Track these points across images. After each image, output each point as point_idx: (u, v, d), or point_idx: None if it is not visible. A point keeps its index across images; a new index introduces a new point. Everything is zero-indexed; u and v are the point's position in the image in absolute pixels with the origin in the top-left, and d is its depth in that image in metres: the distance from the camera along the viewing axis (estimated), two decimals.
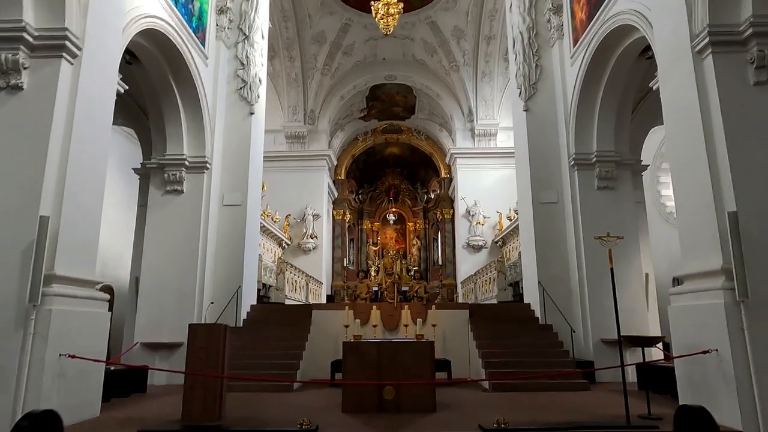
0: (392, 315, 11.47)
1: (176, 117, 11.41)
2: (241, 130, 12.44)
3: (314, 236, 21.24)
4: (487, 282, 15.63)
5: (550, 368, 10.00)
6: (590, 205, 11.52)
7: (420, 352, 7.58)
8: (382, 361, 7.48)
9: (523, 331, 11.29)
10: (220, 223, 11.95)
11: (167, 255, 11.23)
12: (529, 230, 12.30)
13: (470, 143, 22.15)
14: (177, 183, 11.49)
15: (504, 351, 10.52)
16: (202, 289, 11.27)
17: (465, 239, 21.34)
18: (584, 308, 11.23)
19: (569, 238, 11.75)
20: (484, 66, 21.30)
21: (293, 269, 15.78)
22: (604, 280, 11.03)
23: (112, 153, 16.68)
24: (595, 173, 11.57)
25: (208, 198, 11.65)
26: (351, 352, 7.57)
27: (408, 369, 7.43)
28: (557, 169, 12.18)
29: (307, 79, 21.64)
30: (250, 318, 11.91)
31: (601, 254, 11.18)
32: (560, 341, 10.91)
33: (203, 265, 11.37)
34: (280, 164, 21.63)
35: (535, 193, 12.11)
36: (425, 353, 7.57)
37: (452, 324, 11.60)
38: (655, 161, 16.83)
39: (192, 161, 11.57)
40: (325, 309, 11.93)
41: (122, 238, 14.65)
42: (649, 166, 14.87)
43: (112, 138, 17.36)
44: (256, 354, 10.50)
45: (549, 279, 11.63)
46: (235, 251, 11.85)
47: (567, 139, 11.93)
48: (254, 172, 12.65)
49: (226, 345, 7.18)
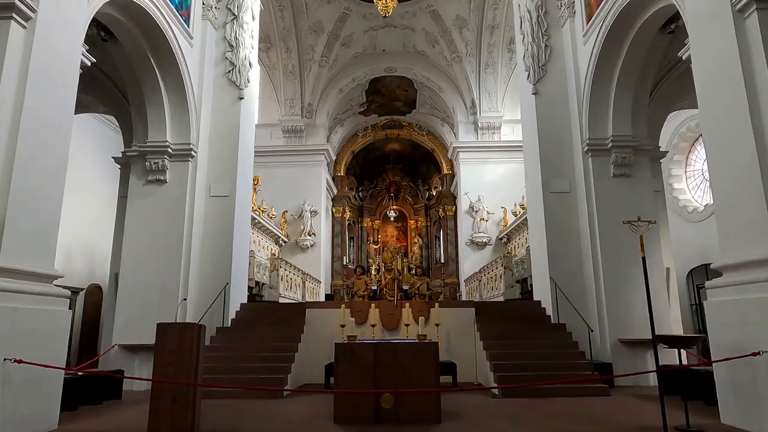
0: (392, 314, 10.49)
1: (158, 101, 10.45)
2: (229, 115, 11.46)
3: (312, 233, 20.25)
4: (493, 279, 14.63)
5: (566, 371, 9.00)
6: (606, 194, 10.52)
7: (422, 355, 6.59)
8: (379, 364, 6.50)
9: (534, 331, 10.29)
10: (206, 216, 10.97)
11: (148, 250, 10.28)
12: (539, 222, 11.30)
13: (473, 137, 21.15)
14: (159, 172, 10.53)
15: (514, 353, 9.52)
16: (186, 286, 10.30)
17: (468, 236, 20.34)
18: (600, 305, 10.23)
19: (583, 230, 10.75)
20: (488, 57, 20.31)
21: (288, 266, 14.79)
22: (621, 275, 10.11)
23: (96, 144, 15.81)
24: (611, 160, 10.58)
25: (193, 188, 10.68)
26: (344, 355, 6.58)
27: (409, 374, 6.44)
28: (569, 156, 11.18)
29: (305, 71, 20.67)
30: (239, 317, 10.93)
31: (617, 246, 10.23)
32: (575, 341, 9.91)
33: (188, 260, 10.40)
34: (277, 159, 20.66)
35: (545, 182, 11.11)
36: (428, 355, 6.58)
37: (457, 323, 10.61)
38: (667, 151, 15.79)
39: (176, 148, 10.61)
40: (320, 307, 10.95)
41: (111, 235, 13.67)
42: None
43: (97, 128, 16.61)
44: (244, 356, 9.52)
45: (561, 274, 10.63)
46: (223, 246, 10.87)
47: (580, 124, 10.93)
48: (244, 160, 11.67)
49: (200, 347, 6.20)
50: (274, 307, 11.87)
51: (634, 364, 9.82)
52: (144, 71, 10.15)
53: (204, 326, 6.35)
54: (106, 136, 16.11)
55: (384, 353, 6.58)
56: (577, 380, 8.38)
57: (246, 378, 8.89)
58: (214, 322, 10.47)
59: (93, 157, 14.70)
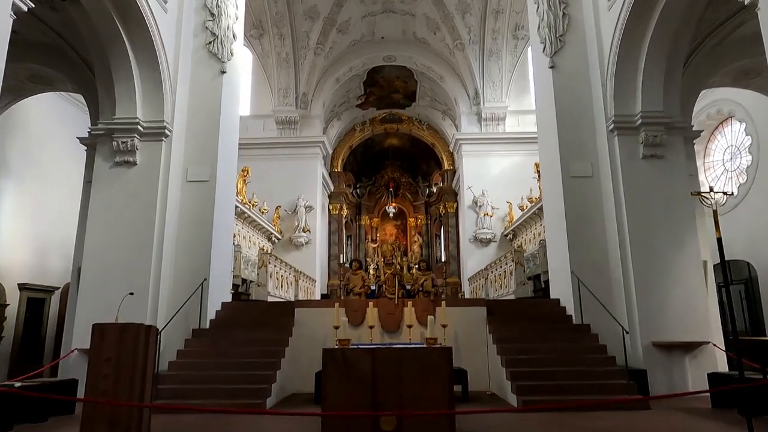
0: (392, 313, 9.05)
1: (127, 73, 9.03)
2: (210, 91, 10.02)
3: (307, 230, 18.79)
4: (502, 276, 13.19)
5: (595, 380, 7.57)
6: (634, 178, 9.12)
7: (432, 364, 5.16)
8: (379, 376, 5.06)
9: (555, 333, 8.86)
10: (182, 203, 9.53)
11: (115, 241, 8.85)
12: (557, 211, 9.87)
13: (476, 128, 19.71)
14: (128, 153, 9.10)
15: (534, 358, 8.09)
16: (158, 282, 8.86)
17: (472, 232, 18.88)
18: (630, 303, 8.80)
19: (608, 218, 9.32)
20: (492, 43, 18.91)
21: (279, 263, 13.33)
22: (654, 268, 8.71)
23: (72, 129, 13.93)
24: (640, 139, 9.18)
25: (167, 171, 9.25)
26: (335, 364, 5.13)
27: (415, 388, 5.01)
28: (591, 136, 9.76)
29: (299, 59, 19.24)
30: (219, 318, 9.47)
31: (649, 235, 8.84)
32: (602, 345, 8.47)
33: (160, 253, 8.95)
34: (270, 152, 19.22)
35: (564, 165, 9.68)
36: (440, 365, 5.15)
37: (466, 324, 9.18)
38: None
39: (147, 126, 9.19)
40: (311, 306, 9.50)
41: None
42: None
43: (69, 111, 14.79)
44: (221, 363, 8.06)
45: (584, 269, 9.19)
46: (201, 237, 9.42)
47: (604, 100, 9.52)
48: (227, 142, 10.23)
49: (149, 355, 4.75)
50: (259, 306, 10.41)
51: (670, 370, 8.42)
52: (110, 38, 8.72)
53: (154, 327, 4.91)
54: (82, 119, 14.58)
55: (384, 362, 5.15)
56: (617, 400, 6.92)
57: (222, 389, 7.44)
58: (189, 323, 9.02)
59: (67, 143, 13.20)
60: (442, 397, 5.00)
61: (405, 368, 5.09)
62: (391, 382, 5.03)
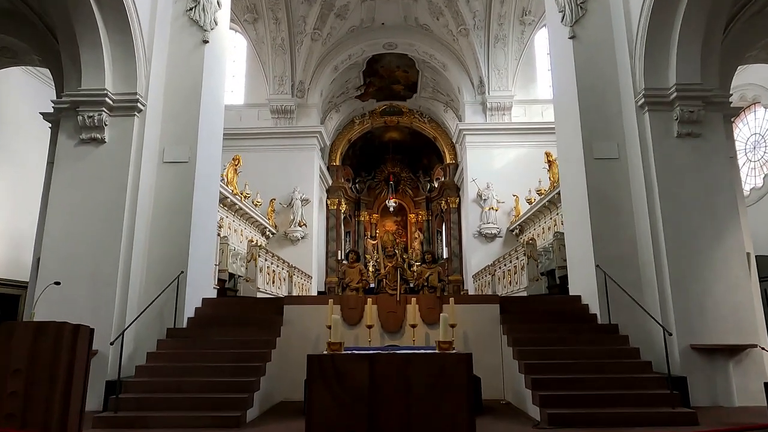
0: (394, 311, 7.85)
1: (94, 37, 7.83)
2: (190, 62, 8.81)
3: (303, 224, 17.57)
4: (512, 272, 11.98)
5: (630, 389, 6.39)
6: (668, 159, 7.94)
7: (447, 375, 3.96)
8: (378, 390, 3.88)
9: (578, 334, 7.66)
10: (158, 187, 8.33)
11: (79, 229, 7.67)
12: (578, 198, 8.68)
13: (481, 118, 18.49)
14: (96, 129, 7.91)
15: (557, 363, 6.89)
16: (127, 275, 7.66)
17: (476, 227, 17.67)
18: (664, 301, 7.61)
19: (638, 205, 8.13)
20: (498, 29, 17.70)
21: (271, 257, 12.12)
22: (691, 261, 7.56)
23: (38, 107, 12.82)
24: (675, 115, 7.99)
25: (139, 150, 8.05)
26: (322, 375, 3.95)
27: (425, 405, 3.82)
28: (617, 113, 8.57)
29: (296, 45, 18.02)
30: (198, 316, 8.27)
31: (686, 225, 7.66)
32: (634, 348, 7.27)
33: (130, 242, 7.75)
34: (265, 142, 18.01)
35: (587, 147, 8.48)
36: (457, 377, 3.95)
37: (476, 324, 7.99)
38: None
39: (117, 99, 8.00)
40: (302, 303, 8.28)
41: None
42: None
43: (43, 92, 13.60)
44: (196, 368, 6.86)
45: (610, 262, 7.99)
46: (179, 225, 8.21)
47: (632, 72, 8.33)
48: (209, 120, 9.02)
49: (75, 366, 3.55)
50: (245, 303, 9.19)
51: (713, 378, 7.22)
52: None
53: (85, 327, 3.74)
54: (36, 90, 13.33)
55: (386, 372, 3.97)
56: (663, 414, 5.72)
57: (195, 399, 6.25)
58: (164, 322, 7.82)
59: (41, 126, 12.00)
60: (460, 417, 3.81)
61: (413, 380, 3.91)
62: (394, 398, 3.86)
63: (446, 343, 4.49)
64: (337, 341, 4.38)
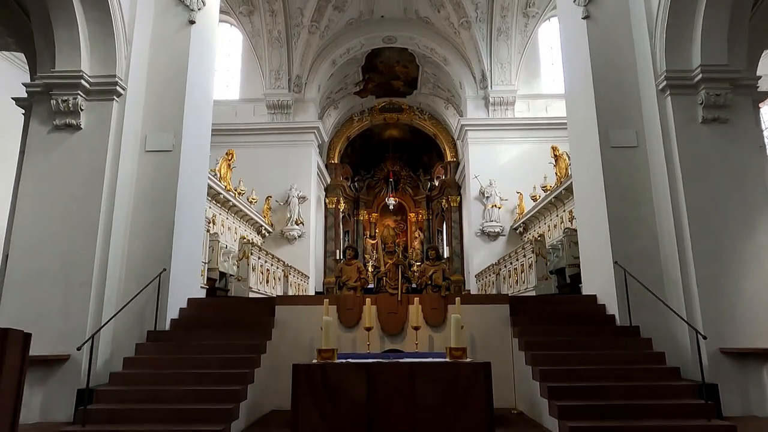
0: (395, 312, 7.13)
1: (69, 14, 7.12)
2: (175, 44, 8.10)
3: (300, 222, 16.86)
4: (518, 270, 11.27)
5: (661, 398, 5.69)
6: (692, 147, 7.23)
7: (462, 389, 3.26)
8: (378, 408, 3.17)
9: (596, 337, 6.95)
10: (139, 177, 7.62)
11: (51, 222, 6.96)
12: (593, 190, 7.98)
13: (483, 113, 17.79)
14: (71, 114, 7.20)
15: (574, 370, 6.18)
16: (103, 273, 6.93)
17: (478, 225, 16.96)
18: (690, 300, 6.90)
19: (659, 197, 7.43)
20: (500, 22, 17.02)
21: (264, 255, 11.40)
22: (720, 257, 6.84)
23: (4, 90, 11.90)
24: (699, 99, 7.30)
25: (118, 138, 7.33)
26: (310, 389, 3.27)
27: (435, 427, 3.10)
28: (635, 98, 7.88)
29: (292, 38, 17.32)
30: (183, 318, 7.55)
31: (713, 218, 6.97)
32: (659, 352, 6.57)
33: (107, 237, 7.03)
34: (260, 138, 17.30)
35: (603, 134, 7.79)
36: (475, 391, 3.25)
37: (485, 326, 7.28)
38: None
39: (95, 82, 7.29)
40: (296, 304, 7.55)
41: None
42: None
43: (9, 71, 12.88)
44: (176, 376, 6.14)
45: (630, 259, 7.28)
46: (161, 219, 7.50)
47: (653, 53, 7.64)
48: (196, 106, 8.32)
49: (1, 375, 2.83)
50: (233, 303, 8.48)
51: (745, 385, 6.51)
52: None
53: (21, 333, 3.01)
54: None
55: (388, 384, 3.28)
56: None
57: (173, 411, 5.52)
58: (144, 324, 7.10)
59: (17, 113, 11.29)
60: None
61: (420, 395, 3.21)
62: (398, 418, 3.15)
63: (459, 350, 3.78)
64: (329, 347, 3.67)
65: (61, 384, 6.40)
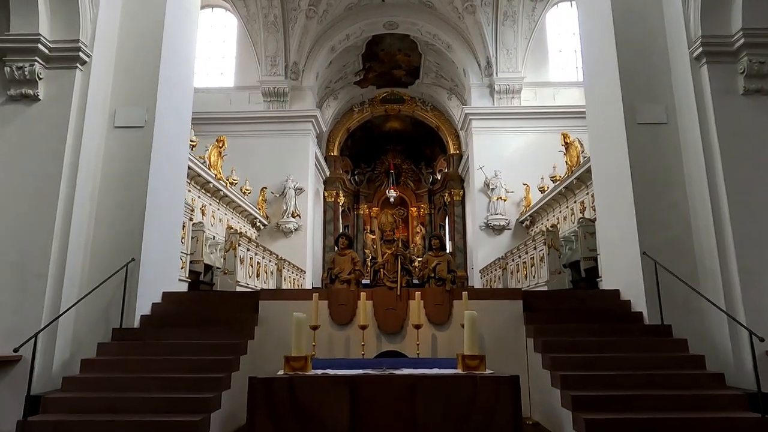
0: (393, 308, 6.21)
1: None
2: (149, 8, 7.15)
3: (297, 215, 15.95)
4: (528, 264, 10.34)
5: (709, 411, 4.76)
6: (732, 121, 6.28)
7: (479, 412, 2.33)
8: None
9: (622, 337, 6.01)
10: (106, 155, 6.70)
11: (4, 205, 6.03)
12: (617, 172, 7.04)
13: (488, 102, 16.83)
14: (28, 83, 6.28)
15: (602, 376, 5.24)
16: (63, 263, 6.01)
17: (483, 219, 16.02)
18: (731, 296, 5.95)
19: (693, 179, 6.48)
20: (507, 6, 16.07)
21: (254, 246, 10.47)
22: (767, 244, 5.84)
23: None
24: (740, 67, 6.35)
25: (82, 111, 6.40)
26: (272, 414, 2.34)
27: None
28: (665, 69, 6.93)
29: (289, 23, 16.39)
30: (155, 313, 6.64)
31: (756, 199, 6.05)
32: (697, 356, 5.63)
33: (68, 224, 6.10)
34: (255, 127, 16.39)
35: (629, 110, 6.84)
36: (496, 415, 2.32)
37: (495, 324, 6.36)
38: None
39: (55, 47, 6.36)
40: (282, 299, 6.62)
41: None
42: None
43: None
44: (140, 381, 5.23)
45: (659, 250, 6.35)
46: (131, 204, 6.57)
47: (685, 17, 6.67)
48: (174, 77, 7.39)
49: None
50: (214, 298, 7.55)
51: None
52: None
53: None
54: None
55: (379, 405, 2.36)
56: None
57: (130, 424, 4.62)
58: (110, 321, 6.19)
59: None
60: None
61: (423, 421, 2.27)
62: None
63: (475, 358, 2.85)
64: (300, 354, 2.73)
65: (9, 390, 5.48)
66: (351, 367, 3.14)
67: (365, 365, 3.23)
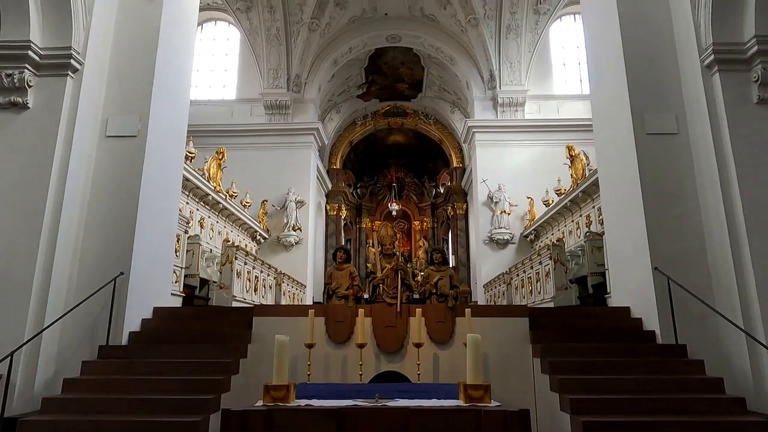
0: (393, 326, 5.88)
1: None
2: (144, 13, 6.96)
3: (297, 228, 15.67)
4: (533, 279, 10.00)
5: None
6: (746, 130, 6.00)
7: None
8: None
9: (636, 358, 5.65)
10: (97, 165, 6.46)
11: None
12: (625, 183, 6.75)
13: (492, 114, 16.61)
14: (17, 91, 6.07)
15: (615, 400, 4.88)
16: (48, 275, 5.73)
17: (487, 232, 15.70)
18: (749, 312, 5.61)
19: (706, 190, 6.18)
20: (510, 19, 15.91)
21: (252, 260, 10.18)
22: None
23: None
24: (754, 75, 6.08)
25: (72, 119, 6.17)
26: None
27: None
28: (674, 77, 6.67)
29: (292, 35, 16.28)
30: (145, 330, 6.33)
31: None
32: (715, 378, 5.27)
33: (54, 235, 5.84)
34: (257, 140, 16.21)
35: (638, 119, 6.57)
36: None
37: (500, 342, 6.01)
38: None
39: (46, 54, 6.16)
40: (277, 315, 6.31)
41: None
42: None
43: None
44: (124, 403, 4.89)
45: (670, 263, 6.03)
46: (121, 216, 6.31)
47: (696, 25, 6.43)
48: (168, 86, 7.17)
49: None
50: (208, 314, 7.23)
51: None
52: None
53: None
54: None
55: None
56: None
57: None
58: (97, 337, 5.89)
59: None
60: None
61: None
62: None
63: (479, 388, 2.52)
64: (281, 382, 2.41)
65: None
66: (341, 395, 2.83)
67: (357, 393, 2.92)
